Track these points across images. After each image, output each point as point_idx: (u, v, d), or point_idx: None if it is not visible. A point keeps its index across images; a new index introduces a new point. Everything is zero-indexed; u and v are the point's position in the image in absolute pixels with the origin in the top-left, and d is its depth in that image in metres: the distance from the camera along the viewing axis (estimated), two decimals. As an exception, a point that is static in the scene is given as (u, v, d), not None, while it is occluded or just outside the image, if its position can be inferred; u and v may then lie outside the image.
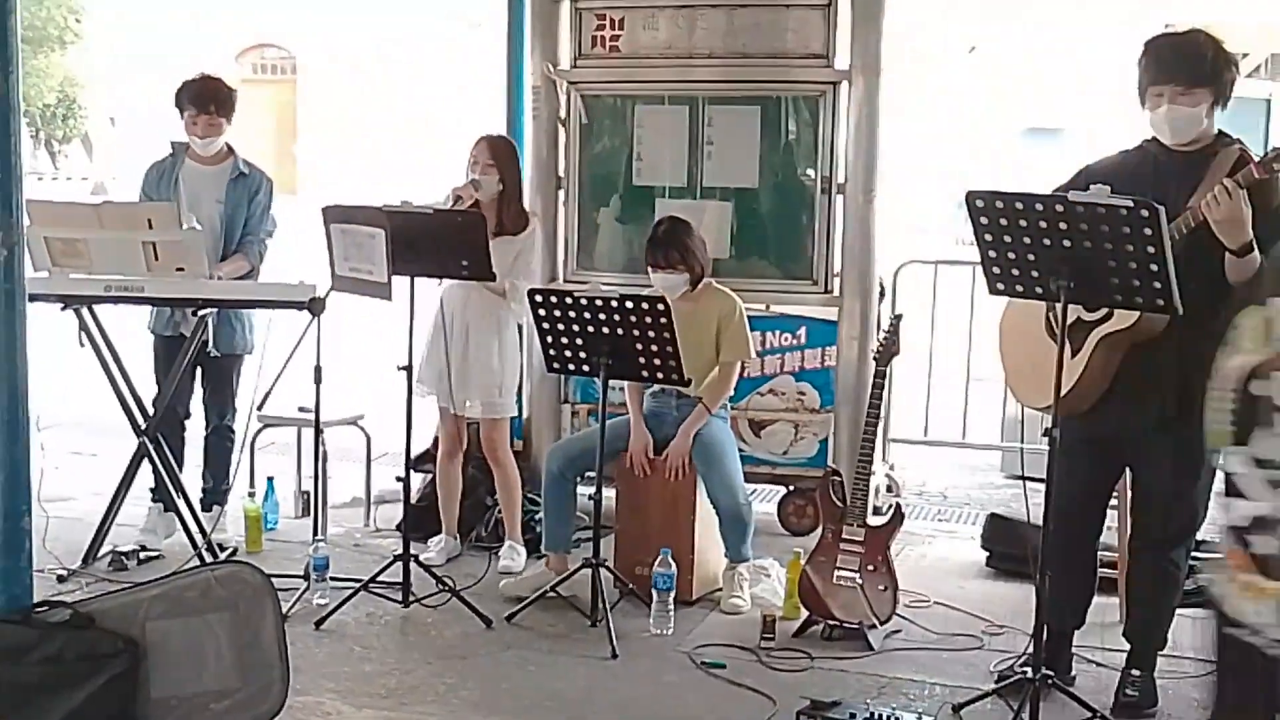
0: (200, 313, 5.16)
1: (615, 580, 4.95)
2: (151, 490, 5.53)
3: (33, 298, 4.92)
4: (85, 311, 5.09)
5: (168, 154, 5.58)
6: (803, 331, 5.94)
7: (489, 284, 5.04)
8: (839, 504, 4.72)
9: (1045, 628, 3.89)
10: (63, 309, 5.04)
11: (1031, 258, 3.65)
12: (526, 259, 5.30)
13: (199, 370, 5.52)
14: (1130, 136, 4.08)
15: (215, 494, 5.58)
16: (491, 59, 6.69)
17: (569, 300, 4.67)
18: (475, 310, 5.26)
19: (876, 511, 5.08)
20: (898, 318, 4.84)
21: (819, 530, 4.83)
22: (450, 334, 5.21)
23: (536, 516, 5.41)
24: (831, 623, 4.64)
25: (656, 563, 4.72)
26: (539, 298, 4.73)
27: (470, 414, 5.37)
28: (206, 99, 5.42)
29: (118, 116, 26.60)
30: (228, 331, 5.44)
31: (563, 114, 6.13)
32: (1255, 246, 3.67)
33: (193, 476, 5.63)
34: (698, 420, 5.03)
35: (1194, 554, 4.33)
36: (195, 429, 5.69)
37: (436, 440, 5.95)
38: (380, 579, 4.90)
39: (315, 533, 5.19)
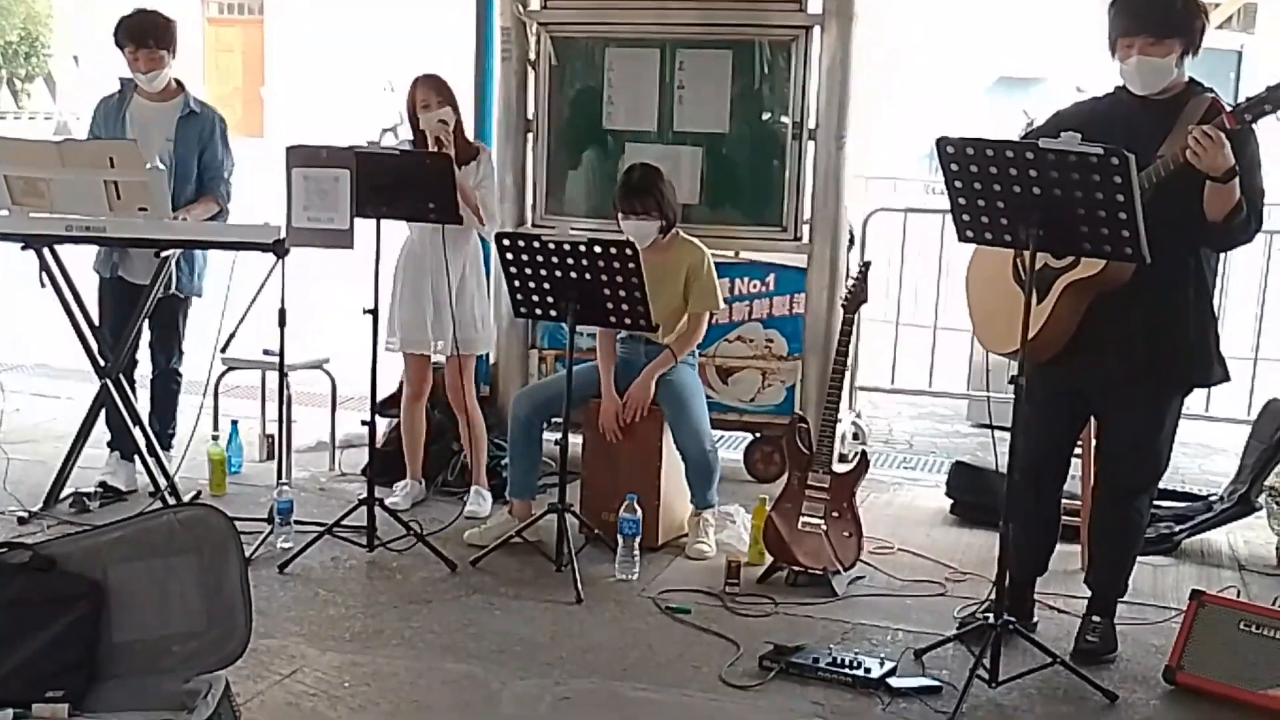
0: (163, 254, 5.10)
1: (581, 525, 4.96)
2: (109, 443, 5.48)
3: (-9, 237, 4.89)
4: (46, 252, 5.02)
5: (116, 90, 5.46)
6: (771, 278, 5.92)
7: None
8: (805, 451, 4.73)
9: (1008, 575, 3.92)
10: (23, 249, 4.97)
11: (1001, 205, 3.64)
12: (489, 181, 5.30)
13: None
14: (1099, 88, 4.08)
15: (161, 439, 5.49)
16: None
17: (537, 245, 4.63)
18: (448, 249, 5.20)
19: (842, 459, 5.10)
20: (866, 265, 4.84)
21: (785, 477, 4.85)
22: (422, 276, 5.19)
23: (503, 462, 5.40)
24: (796, 569, 4.67)
25: (622, 508, 4.72)
26: (506, 241, 4.70)
27: (443, 353, 5.34)
28: (144, 33, 5.28)
29: (81, 55, 26.20)
30: (175, 273, 5.33)
31: (532, 56, 6.07)
32: (1237, 173, 3.66)
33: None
34: (662, 365, 5.01)
35: (1155, 503, 4.37)
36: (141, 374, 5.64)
37: (402, 384, 5.93)
38: (345, 523, 4.88)
39: (279, 476, 5.17)
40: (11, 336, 5.03)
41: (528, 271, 4.69)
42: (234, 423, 5.89)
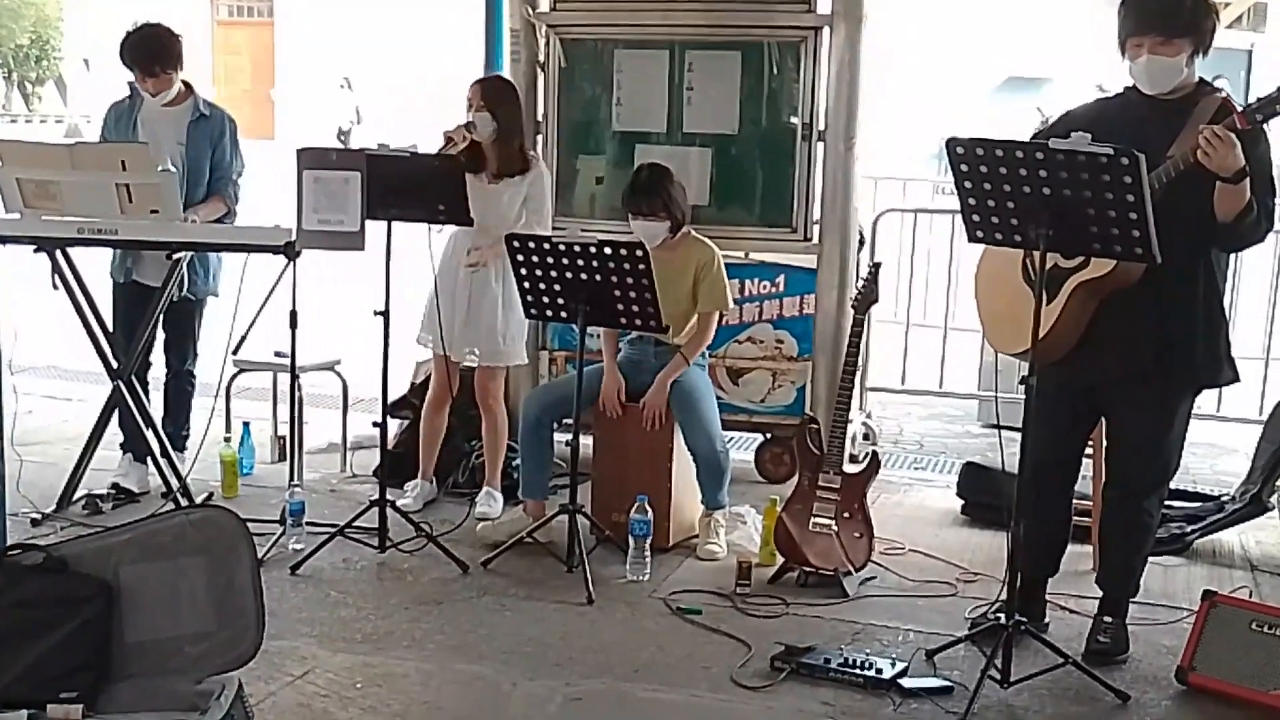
0: (174, 257, 5.11)
1: (592, 526, 4.96)
2: (121, 445, 5.50)
3: (3, 240, 4.91)
4: (58, 254, 5.03)
5: (126, 95, 5.46)
6: (781, 279, 5.92)
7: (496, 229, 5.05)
8: (816, 452, 4.73)
9: (1019, 575, 3.92)
10: (35, 251, 4.98)
11: (1011, 205, 3.64)
12: (537, 203, 5.27)
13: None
14: (1113, 87, 4.07)
15: (174, 440, 5.49)
16: (471, 1, 6.62)
17: (546, 246, 4.64)
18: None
19: (853, 459, 5.10)
20: (876, 266, 4.84)
21: (795, 478, 4.85)
22: (452, 281, 5.18)
23: (514, 463, 5.41)
24: (807, 569, 4.67)
25: (633, 509, 4.73)
26: (516, 243, 4.71)
27: (469, 361, 5.34)
28: (150, 61, 5.23)
29: (92, 58, 26.27)
30: (188, 275, 5.34)
31: (541, 58, 6.08)
32: (1248, 173, 3.65)
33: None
34: (675, 370, 5.02)
35: (1166, 503, 4.36)
36: (155, 375, 5.65)
37: (413, 386, 5.94)
38: (356, 524, 4.90)
39: (291, 478, 5.19)
40: (23, 339, 5.04)
41: (538, 273, 4.69)
42: (245, 424, 5.90)
